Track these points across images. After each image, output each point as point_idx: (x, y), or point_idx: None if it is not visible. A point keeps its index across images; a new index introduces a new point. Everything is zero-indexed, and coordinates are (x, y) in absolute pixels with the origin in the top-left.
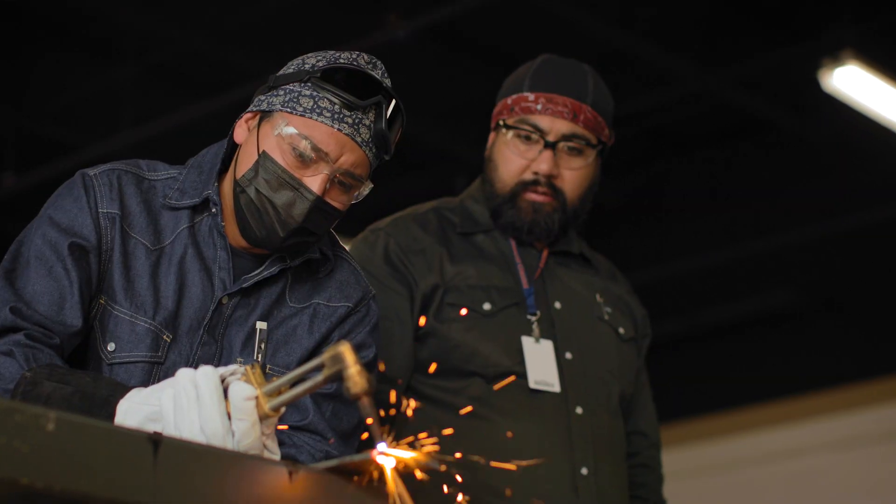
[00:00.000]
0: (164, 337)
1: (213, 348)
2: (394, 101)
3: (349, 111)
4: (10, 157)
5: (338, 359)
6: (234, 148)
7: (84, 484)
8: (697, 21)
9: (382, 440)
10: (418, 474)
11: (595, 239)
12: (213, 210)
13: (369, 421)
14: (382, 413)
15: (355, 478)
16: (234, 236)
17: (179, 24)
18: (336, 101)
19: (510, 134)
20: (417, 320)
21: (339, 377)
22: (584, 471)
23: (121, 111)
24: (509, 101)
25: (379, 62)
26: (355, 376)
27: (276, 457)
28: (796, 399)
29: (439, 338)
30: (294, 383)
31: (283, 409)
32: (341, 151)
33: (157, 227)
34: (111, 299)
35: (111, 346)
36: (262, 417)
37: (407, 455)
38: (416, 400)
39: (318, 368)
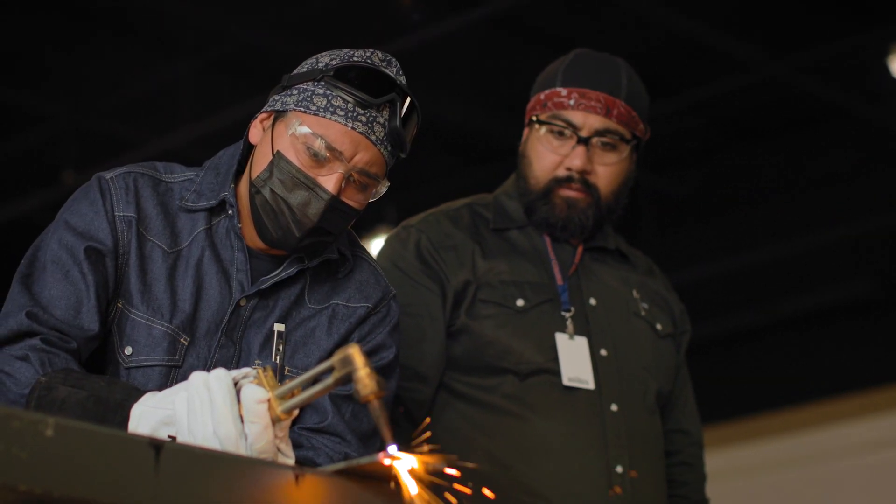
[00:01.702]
0: (182, 340)
1: (231, 351)
2: (408, 99)
3: (363, 109)
4: (70, 155)
5: (347, 361)
6: (250, 149)
7: (84, 490)
8: (766, 7)
9: (393, 442)
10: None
11: (666, 230)
12: (230, 212)
13: (380, 423)
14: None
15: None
16: (252, 238)
17: (239, 18)
18: (349, 99)
19: (543, 130)
20: (449, 317)
21: (349, 379)
22: (619, 469)
23: (180, 107)
24: (542, 96)
25: (393, 59)
26: (365, 379)
27: (290, 460)
28: (878, 390)
29: (471, 334)
30: (306, 386)
31: (295, 412)
32: (356, 150)
33: (174, 229)
34: (128, 303)
35: (128, 350)
36: (275, 420)
37: (417, 458)
38: (449, 397)
39: (329, 371)
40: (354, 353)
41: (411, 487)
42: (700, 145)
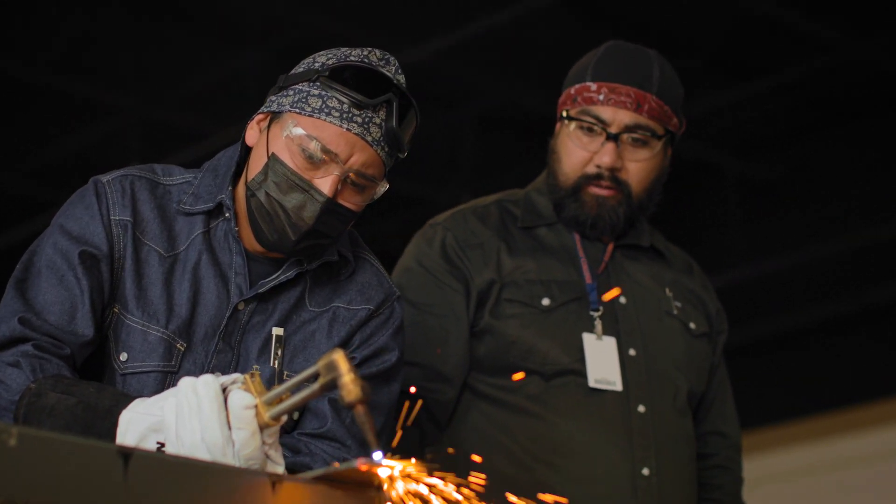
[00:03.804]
0: (178, 345)
1: (229, 356)
2: (406, 99)
3: (358, 110)
4: (135, 147)
5: (332, 367)
6: (249, 151)
7: (49, 499)
8: None
9: (378, 449)
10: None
11: (751, 217)
12: (227, 215)
13: (366, 429)
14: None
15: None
16: (250, 241)
17: (306, 6)
18: (345, 100)
19: (573, 125)
20: (473, 316)
21: (334, 385)
22: (646, 471)
23: (247, 97)
24: (572, 90)
25: (392, 58)
26: (349, 385)
27: (280, 467)
28: None
29: (496, 334)
30: (294, 391)
31: (284, 418)
32: (351, 151)
33: (171, 233)
34: (124, 308)
35: (123, 356)
36: (263, 426)
37: (399, 465)
38: (473, 397)
39: (316, 376)
40: (339, 358)
41: (392, 494)
42: (786, 128)
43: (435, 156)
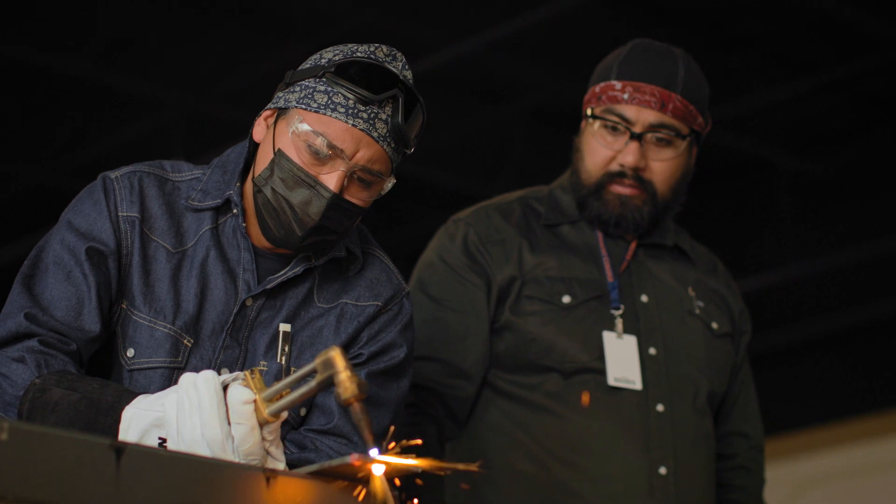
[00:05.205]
0: (185, 342)
1: (237, 352)
2: (413, 95)
3: (364, 106)
4: (180, 141)
5: (329, 364)
6: (257, 147)
7: (41, 493)
8: None
9: (374, 445)
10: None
11: (804, 214)
12: (235, 211)
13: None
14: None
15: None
16: (258, 237)
17: (353, 1)
18: (350, 95)
19: (597, 124)
20: (493, 313)
21: (331, 383)
22: (663, 470)
23: None
24: (597, 89)
25: (399, 54)
26: (345, 381)
27: (281, 464)
28: None
29: (515, 331)
30: (294, 388)
31: (284, 415)
32: (357, 147)
33: (179, 229)
34: (131, 304)
35: (130, 353)
36: (262, 423)
37: (393, 461)
38: (493, 394)
39: (313, 373)
40: (335, 355)
41: (382, 489)
42: (841, 125)
43: (486, 151)
